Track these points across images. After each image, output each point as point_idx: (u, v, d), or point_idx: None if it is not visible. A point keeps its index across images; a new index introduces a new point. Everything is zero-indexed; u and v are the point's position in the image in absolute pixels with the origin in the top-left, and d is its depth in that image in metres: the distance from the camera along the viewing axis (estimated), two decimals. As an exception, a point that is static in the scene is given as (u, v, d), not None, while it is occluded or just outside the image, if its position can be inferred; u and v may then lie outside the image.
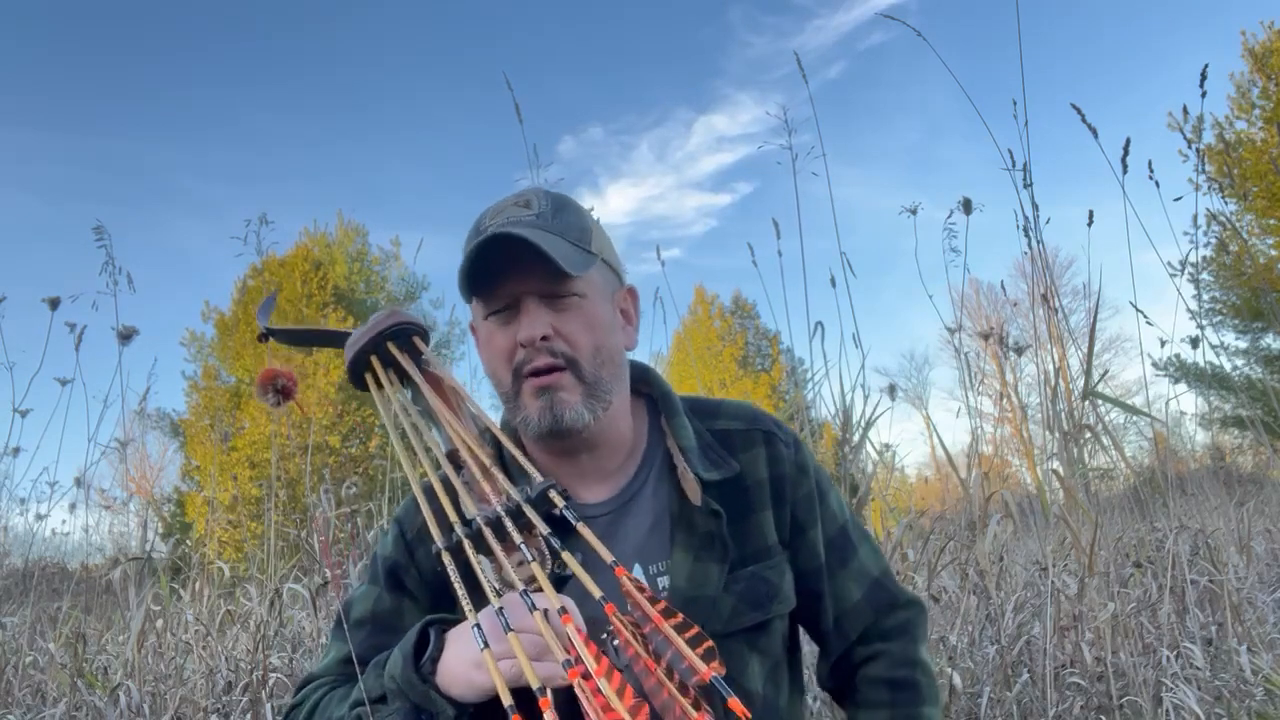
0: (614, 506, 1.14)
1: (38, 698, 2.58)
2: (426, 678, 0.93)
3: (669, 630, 0.81)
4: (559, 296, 1.05)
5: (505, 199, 1.11)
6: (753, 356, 23.36)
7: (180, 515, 15.51)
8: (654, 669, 0.80)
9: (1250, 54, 15.80)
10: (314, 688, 1.11)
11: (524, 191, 1.11)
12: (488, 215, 1.09)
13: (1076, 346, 2.80)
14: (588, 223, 1.11)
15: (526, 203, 1.08)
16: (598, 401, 1.07)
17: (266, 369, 1.11)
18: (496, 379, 1.10)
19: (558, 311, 1.05)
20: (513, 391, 1.08)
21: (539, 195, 1.10)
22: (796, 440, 1.21)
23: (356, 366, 1.08)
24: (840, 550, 1.20)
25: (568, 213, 1.09)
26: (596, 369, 1.07)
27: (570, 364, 1.05)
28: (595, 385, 1.07)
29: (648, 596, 0.85)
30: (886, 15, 2.63)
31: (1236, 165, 12.47)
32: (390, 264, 22.25)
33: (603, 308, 1.10)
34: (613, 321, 1.12)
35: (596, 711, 0.73)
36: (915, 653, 1.20)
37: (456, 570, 0.91)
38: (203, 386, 19.94)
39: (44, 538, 4.02)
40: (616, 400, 1.11)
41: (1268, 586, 3.15)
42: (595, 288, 1.09)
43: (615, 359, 1.11)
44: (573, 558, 0.88)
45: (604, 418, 1.09)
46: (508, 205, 1.09)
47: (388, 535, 1.20)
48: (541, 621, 0.82)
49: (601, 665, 0.77)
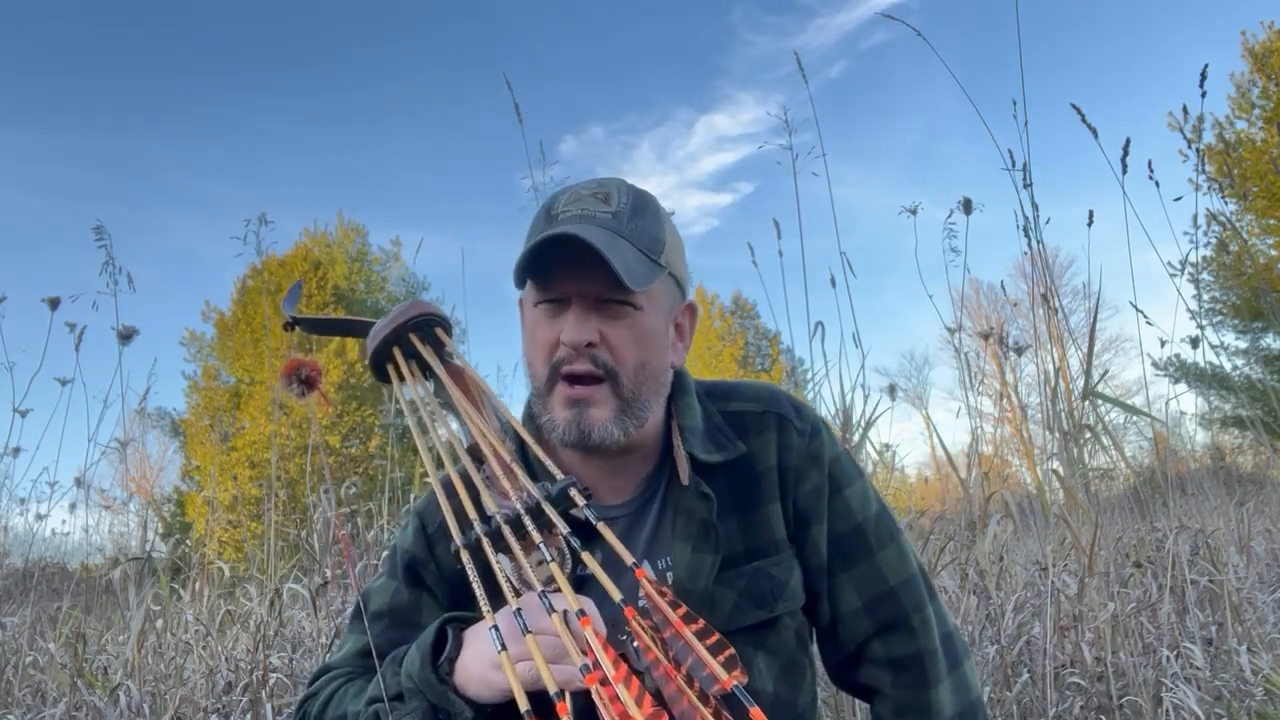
0: (634, 508, 1.11)
1: (38, 698, 2.58)
2: (444, 678, 0.92)
3: (690, 637, 0.79)
4: (615, 303, 1.00)
5: (585, 184, 1.05)
6: (753, 356, 23.36)
7: (180, 515, 15.50)
8: (674, 676, 0.78)
9: (1250, 54, 15.80)
10: (329, 679, 1.09)
11: (606, 181, 1.05)
12: (561, 200, 1.03)
13: (1076, 346, 2.80)
14: (663, 231, 1.04)
15: (606, 196, 1.02)
16: (630, 419, 1.03)
17: (291, 359, 1.10)
18: (533, 369, 1.06)
19: (609, 318, 1.01)
20: (545, 388, 1.04)
21: (620, 190, 1.04)
22: (815, 427, 1.12)
23: (378, 358, 1.06)
24: (848, 550, 1.11)
25: (645, 217, 1.03)
26: (637, 385, 1.02)
27: (610, 375, 1.01)
28: (632, 402, 1.02)
29: (669, 600, 0.83)
30: (886, 15, 2.63)
31: (1236, 165, 12.46)
32: (390, 264, 22.25)
33: (656, 322, 1.04)
34: (664, 338, 1.06)
35: (614, 718, 0.72)
36: (928, 700, 1.07)
37: (475, 568, 0.89)
38: (203, 386, 19.95)
39: (44, 538, 4.03)
40: (651, 417, 1.07)
41: (1268, 586, 3.15)
42: (655, 301, 1.04)
43: (659, 377, 1.06)
44: (593, 558, 0.86)
45: (634, 433, 1.04)
46: (585, 195, 1.03)
47: (407, 528, 1.17)
48: (560, 624, 0.80)
49: (620, 671, 0.75)
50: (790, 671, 1.09)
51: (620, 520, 1.10)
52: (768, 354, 23.11)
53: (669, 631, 0.82)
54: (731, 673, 0.76)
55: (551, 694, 0.76)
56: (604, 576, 0.84)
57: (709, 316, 23.05)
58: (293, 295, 1.22)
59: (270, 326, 18.27)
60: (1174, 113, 8.66)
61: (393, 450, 4.03)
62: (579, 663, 0.77)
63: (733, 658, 0.78)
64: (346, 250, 21.79)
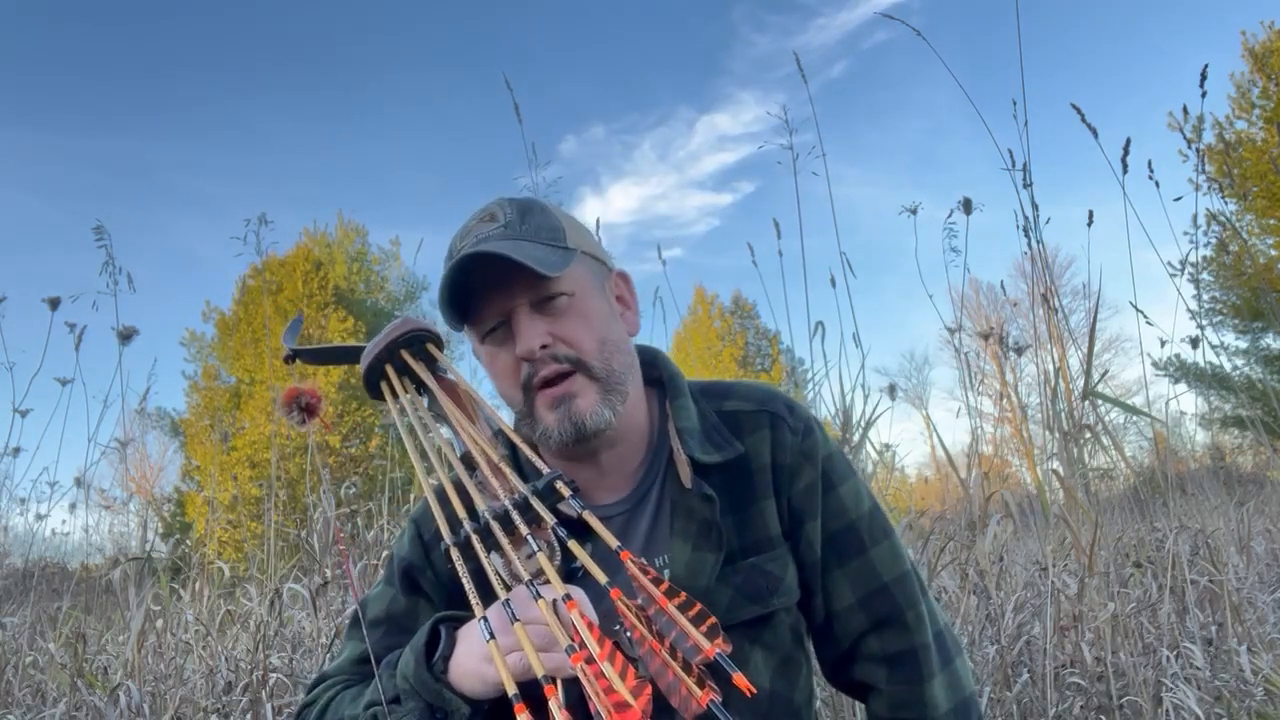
0: (629, 505, 1.12)
1: (38, 698, 2.58)
2: (439, 676, 0.92)
3: (673, 610, 0.80)
4: (548, 300, 1.03)
5: (470, 218, 1.09)
6: (753, 356, 23.37)
7: (180, 515, 15.50)
8: (659, 650, 0.79)
9: (1250, 54, 15.81)
10: (326, 687, 1.10)
11: (487, 206, 1.09)
12: (457, 239, 1.08)
13: (1076, 346, 2.80)
14: (557, 220, 1.08)
15: (491, 215, 1.07)
16: (615, 395, 1.05)
17: (290, 388, 1.10)
18: (509, 399, 1.08)
19: (551, 316, 1.04)
20: (526, 408, 1.06)
21: (503, 206, 1.08)
22: (808, 426, 1.14)
23: (372, 374, 1.07)
24: (841, 547, 1.12)
25: (534, 215, 1.07)
26: (605, 362, 1.05)
27: (578, 365, 1.04)
28: (608, 380, 1.05)
29: (652, 578, 0.83)
30: (886, 15, 2.63)
31: (1236, 165, 12.47)
32: (390, 264, 22.28)
33: (595, 301, 1.08)
34: (609, 312, 1.10)
35: (599, 693, 0.72)
36: (923, 694, 1.09)
37: (466, 568, 0.90)
38: (203, 387, 19.97)
39: (44, 538, 4.02)
40: (632, 390, 1.10)
41: (1268, 586, 3.15)
42: (582, 282, 1.07)
43: (622, 347, 1.09)
44: (580, 547, 0.87)
45: (623, 411, 1.07)
46: (473, 224, 1.07)
47: (404, 535, 1.19)
48: (547, 611, 0.81)
49: (605, 648, 0.76)
50: (786, 667, 1.11)
51: (616, 519, 1.11)
52: (768, 354, 23.12)
53: (653, 608, 0.82)
54: (714, 641, 0.77)
55: (540, 678, 0.76)
56: (590, 561, 0.84)
57: (709, 316, 23.05)
58: (293, 329, 1.22)
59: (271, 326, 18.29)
60: (1174, 113, 8.68)
61: (393, 450, 4.03)
62: (565, 645, 0.78)
63: (715, 627, 0.79)
64: (346, 250, 21.81)
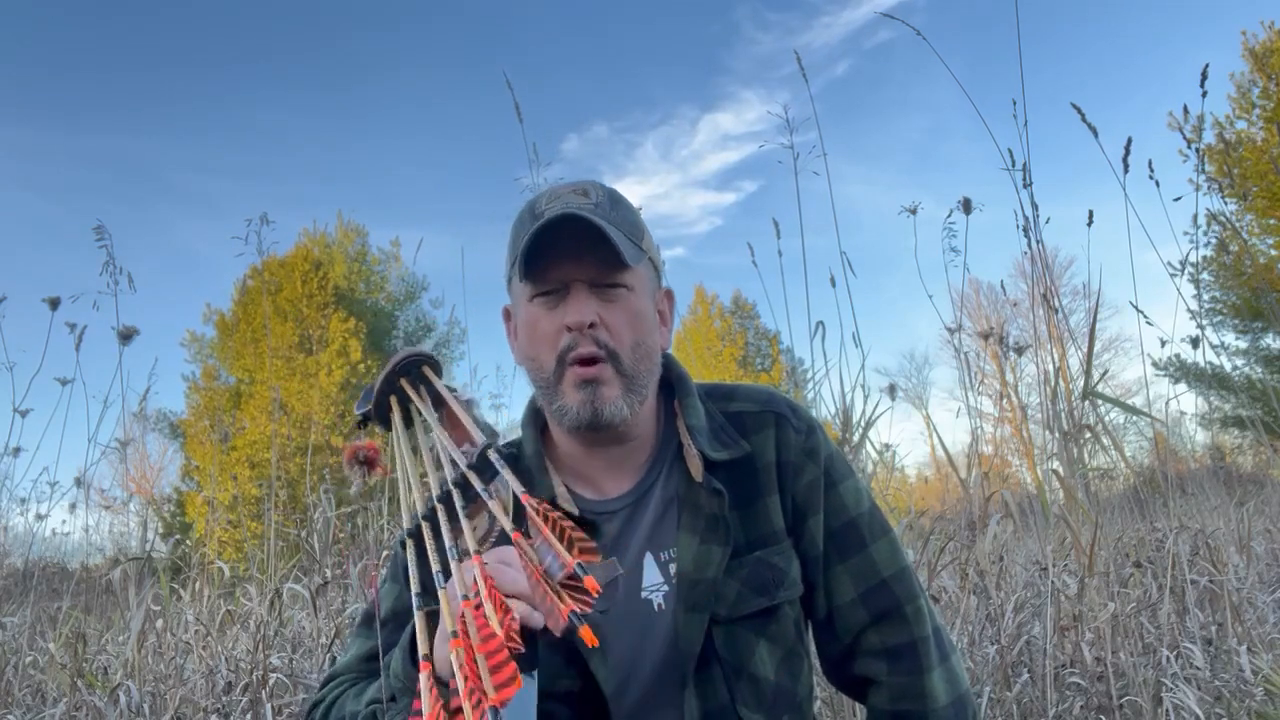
0: (633, 499, 1.14)
1: (38, 698, 2.58)
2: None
3: (547, 533, 0.80)
4: (608, 286, 1.06)
5: (561, 185, 1.11)
6: (753, 356, 23.37)
7: (180, 515, 15.50)
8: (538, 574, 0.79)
9: (1250, 54, 15.79)
10: (334, 685, 1.12)
11: (581, 181, 1.12)
12: (543, 200, 1.09)
13: (1076, 346, 2.80)
14: (639, 220, 1.13)
15: (584, 192, 1.09)
16: (635, 396, 1.08)
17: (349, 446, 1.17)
18: (537, 363, 1.09)
19: (605, 301, 1.06)
20: (554, 378, 1.08)
21: (596, 187, 1.11)
22: (810, 426, 1.18)
23: (380, 410, 1.08)
24: (843, 543, 1.15)
25: (622, 208, 1.11)
26: (635, 363, 1.07)
27: (611, 356, 1.06)
28: (634, 379, 1.08)
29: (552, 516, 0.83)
30: (887, 15, 2.63)
31: (1236, 165, 12.46)
32: (390, 264, 22.25)
33: (645, 304, 1.11)
34: (653, 319, 1.13)
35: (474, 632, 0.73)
36: (923, 686, 1.11)
37: (426, 554, 0.89)
38: (202, 387, 19.94)
39: (44, 538, 4.02)
40: (649, 396, 1.13)
41: (1268, 586, 3.15)
42: (642, 283, 1.10)
43: (652, 356, 1.11)
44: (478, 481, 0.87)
45: (639, 411, 1.10)
46: (564, 192, 1.09)
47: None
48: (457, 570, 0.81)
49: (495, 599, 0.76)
50: (790, 660, 1.13)
51: (619, 513, 1.13)
52: (768, 354, 23.12)
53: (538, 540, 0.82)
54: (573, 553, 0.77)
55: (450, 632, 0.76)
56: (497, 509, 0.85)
57: (709, 316, 23.04)
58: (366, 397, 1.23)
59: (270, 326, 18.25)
60: (1174, 113, 8.67)
61: (393, 451, 4.01)
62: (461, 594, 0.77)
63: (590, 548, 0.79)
64: (346, 250, 21.78)
